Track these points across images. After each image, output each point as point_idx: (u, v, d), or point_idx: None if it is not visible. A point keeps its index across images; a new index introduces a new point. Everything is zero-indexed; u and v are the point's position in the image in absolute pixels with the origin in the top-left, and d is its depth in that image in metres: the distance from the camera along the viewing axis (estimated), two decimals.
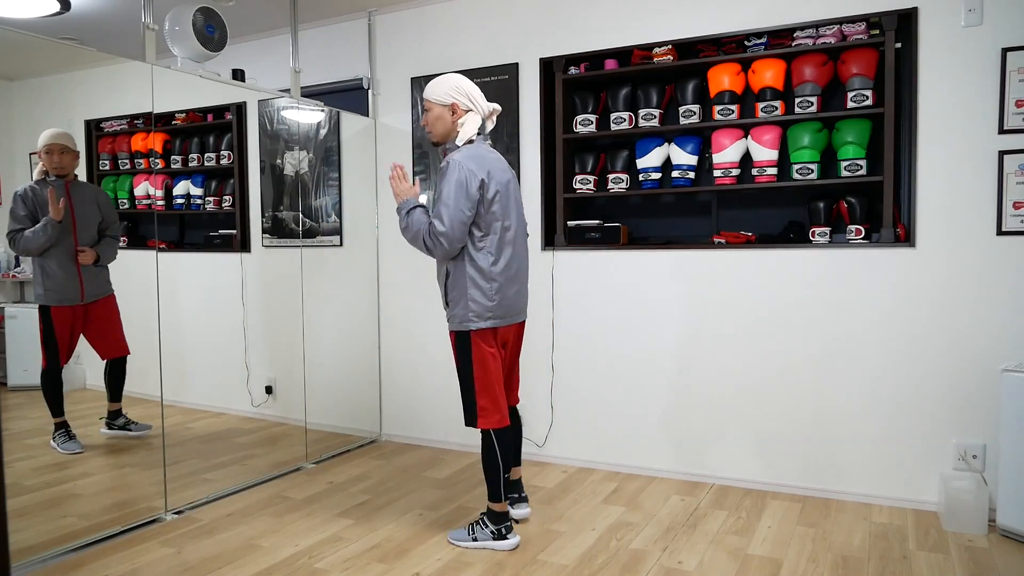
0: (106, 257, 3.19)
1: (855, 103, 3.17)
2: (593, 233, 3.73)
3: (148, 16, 3.04)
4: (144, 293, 3.19)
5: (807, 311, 3.32)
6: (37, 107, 3.11)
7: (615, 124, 3.66)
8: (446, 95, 2.73)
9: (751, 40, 3.40)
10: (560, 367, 3.87)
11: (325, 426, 4.15)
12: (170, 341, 3.27)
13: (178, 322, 3.40)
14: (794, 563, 2.65)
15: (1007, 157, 2.96)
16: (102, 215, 3.19)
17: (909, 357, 3.15)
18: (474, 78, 3.99)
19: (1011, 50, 2.93)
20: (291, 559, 2.73)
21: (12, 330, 3.16)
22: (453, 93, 2.72)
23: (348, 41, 4.38)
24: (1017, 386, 2.80)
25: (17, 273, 3.21)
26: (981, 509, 2.88)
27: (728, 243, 3.47)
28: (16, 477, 2.92)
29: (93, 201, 3.18)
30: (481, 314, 2.69)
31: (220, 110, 3.95)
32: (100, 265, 3.18)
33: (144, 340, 3.22)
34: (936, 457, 3.12)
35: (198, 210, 3.97)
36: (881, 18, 3.11)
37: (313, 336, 4.01)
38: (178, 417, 3.46)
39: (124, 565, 2.67)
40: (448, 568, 2.64)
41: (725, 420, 3.50)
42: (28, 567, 2.64)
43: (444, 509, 3.23)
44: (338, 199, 4.27)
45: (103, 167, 3.45)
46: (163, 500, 3.16)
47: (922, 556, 2.69)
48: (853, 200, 3.23)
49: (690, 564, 2.66)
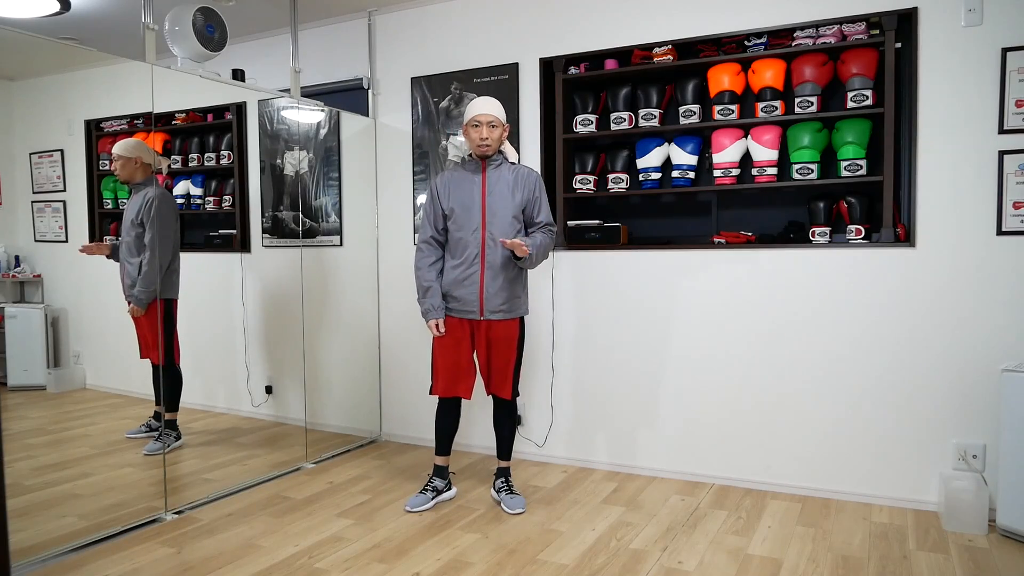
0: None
1: (855, 103, 3.17)
2: (593, 233, 3.73)
3: (148, 16, 3.04)
4: None
5: (807, 311, 3.32)
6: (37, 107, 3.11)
7: (615, 124, 3.66)
8: (504, 116, 3.12)
9: (751, 40, 3.40)
10: (560, 367, 3.87)
11: (325, 426, 4.15)
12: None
13: (178, 322, 3.40)
14: (794, 563, 2.65)
15: (1007, 157, 2.96)
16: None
17: (909, 357, 3.15)
18: (474, 78, 4.00)
19: (1011, 50, 2.93)
20: (291, 559, 2.73)
21: (12, 330, 3.16)
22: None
23: (348, 41, 4.38)
24: (1017, 386, 2.80)
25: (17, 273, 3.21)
26: (981, 509, 2.88)
27: (728, 243, 3.47)
28: (16, 477, 2.92)
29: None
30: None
31: (220, 110, 3.95)
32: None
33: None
34: (936, 457, 3.12)
35: (198, 210, 3.97)
36: (881, 18, 3.11)
37: (313, 336, 4.02)
38: (179, 416, 3.46)
39: (124, 565, 2.67)
40: (448, 568, 2.64)
41: (725, 420, 3.50)
42: (28, 567, 2.64)
43: (444, 509, 3.23)
44: (338, 199, 4.27)
45: (103, 167, 3.45)
46: (163, 500, 3.16)
47: (922, 556, 2.69)
48: (853, 200, 3.23)
49: (690, 564, 2.66)
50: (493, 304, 3.08)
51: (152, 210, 3.21)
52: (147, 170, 3.25)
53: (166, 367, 3.25)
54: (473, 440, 4.11)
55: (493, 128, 3.03)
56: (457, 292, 3.10)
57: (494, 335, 3.12)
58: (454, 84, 4.07)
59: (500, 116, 3.06)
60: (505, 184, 3.08)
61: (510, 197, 3.07)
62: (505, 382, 3.15)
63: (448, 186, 3.13)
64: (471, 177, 3.11)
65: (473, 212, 3.06)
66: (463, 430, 4.08)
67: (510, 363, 3.14)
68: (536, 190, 3.11)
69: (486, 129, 3.02)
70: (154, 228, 3.20)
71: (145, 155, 3.22)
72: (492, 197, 3.06)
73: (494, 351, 3.13)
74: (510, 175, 3.10)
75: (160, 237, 3.22)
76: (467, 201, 3.08)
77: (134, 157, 3.20)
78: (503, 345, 3.12)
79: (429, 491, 3.25)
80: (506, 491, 3.24)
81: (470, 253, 3.07)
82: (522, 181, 3.10)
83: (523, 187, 3.09)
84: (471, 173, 3.12)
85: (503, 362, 3.14)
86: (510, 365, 3.14)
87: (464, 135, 3.13)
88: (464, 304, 3.10)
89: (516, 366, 3.17)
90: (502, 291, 3.08)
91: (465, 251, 3.07)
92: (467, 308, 3.10)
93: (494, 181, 3.07)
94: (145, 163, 3.22)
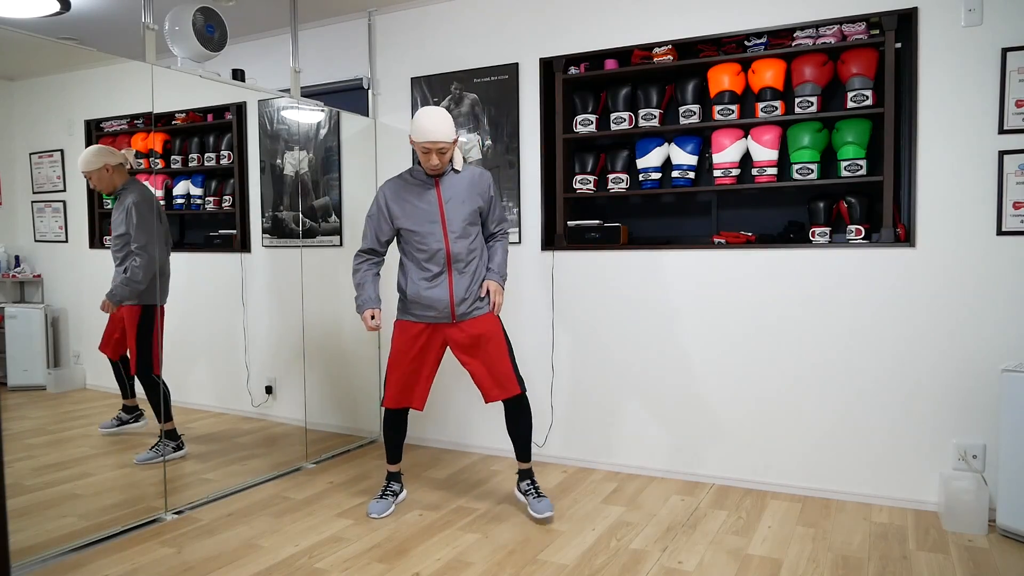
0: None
1: (855, 103, 3.17)
2: (593, 233, 3.73)
3: (148, 16, 3.04)
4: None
5: (807, 311, 3.32)
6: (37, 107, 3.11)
7: (615, 124, 3.66)
8: (454, 132, 2.96)
9: (751, 40, 3.40)
10: (560, 367, 3.87)
11: (325, 426, 4.15)
12: (170, 341, 3.27)
13: (178, 322, 3.40)
14: (794, 563, 2.65)
15: (1007, 157, 2.96)
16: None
17: (909, 357, 3.15)
18: (474, 78, 4.00)
19: (1011, 50, 2.93)
20: (291, 559, 2.73)
21: (12, 330, 3.16)
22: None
23: (348, 41, 4.38)
24: (1017, 386, 2.80)
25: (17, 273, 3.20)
26: (981, 509, 2.88)
27: (728, 243, 3.47)
28: (16, 477, 2.92)
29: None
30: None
31: (220, 110, 3.95)
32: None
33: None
34: (936, 457, 3.12)
35: (198, 210, 3.97)
36: (881, 18, 3.11)
37: (313, 336, 4.02)
38: (178, 417, 3.46)
39: (124, 565, 2.67)
40: (448, 568, 2.64)
41: (725, 420, 3.50)
42: (28, 567, 2.65)
43: (444, 509, 3.24)
44: (338, 199, 4.27)
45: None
46: (163, 500, 3.16)
47: (922, 556, 2.69)
48: (853, 200, 3.23)
49: (690, 564, 2.66)
50: (464, 306, 3.04)
51: (133, 217, 3.14)
52: (122, 171, 3.18)
53: (141, 377, 3.22)
54: (472, 441, 4.11)
55: (443, 153, 2.93)
56: (425, 298, 3.02)
57: (473, 333, 3.04)
58: (454, 84, 4.07)
59: (449, 138, 2.91)
60: (460, 189, 3.03)
61: (467, 202, 3.03)
62: (508, 378, 3.05)
63: (400, 203, 3.04)
64: (425, 188, 3.04)
65: (433, 224, 3.00)
66: (462, 431, 4.08)
67: (503, 356, 3.06)
68: (490, 190, 3.10)
69: (435, 156, 2.91)
70: (135, 231, 3.14)
71: (109, 157, 3.13)
72: (450, 204, 3.01)
73: (482, 350, 3.05)
74: (463, 179, 3.06)
75: (139, 238, 3.16)
76: (424, 215, 3.01)
77: (101, 166, 3.11)
78: (488, 339, 3.04)
79: (389, 496, 3.24)
80: (533, 494, 3.12)
81: (437, 261, 3.02)
82: (477, 184, 3.06)
83: (479, 190, 3.06)
84: (423, 184, 3.04)
85: (496, 357, 3.05)
86: (504, 358, 3.06)
87: (412, 146, 3.01)
88: (434, 310, 3.03)
89: (511, 357, 3.09)
90: (471, 291, 3.05)
91: (431, 260, 3.02)
92: (437, 314, 3.03)
93: (448, 188, 3.03)
94: (115, 165, 3.15)
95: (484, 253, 3.13)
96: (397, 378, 3.09)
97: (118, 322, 3.20)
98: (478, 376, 3.08)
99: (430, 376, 3.14)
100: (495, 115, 3.93)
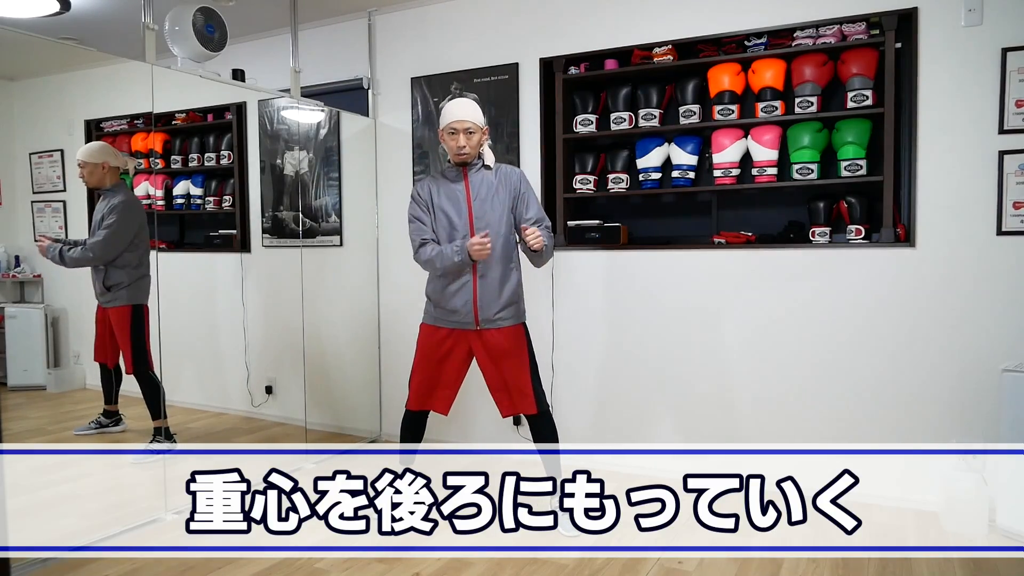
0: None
1: (855, 103, 3.17)
2: (593, 233, 3.73)
3: (148, 16, 3.04)
4: None
5: (807, 311, 3.31)
6: (37, 107, 3.11)
7: (615, 124, 3.66)
8: (482, 119, 2.94)
9: (751, 40, 3.40)
10: (560, 367, 3.87)
11: (325, 426, 4.15)
12: (170, 341, 3.27)
13: (178, 322, 3.40)
14: (794, 563, 2.65)
15: (1007, 157, 2.95)
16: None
17: (909, 357, 3.15)
18: (474, 78, 4.00)
19: (1011, 50, 2.93)
20: (291, 559, 2.72)
21: (12, 330, 3.16)
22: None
23: (348, 41, 4.38)
24: (1017, 386, 2.80)
25: (17, 273, 3.21)
26: (981, 509, 2.88)
27: (728, 243, 3.47)
28: (16, 477, 2.91)
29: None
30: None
31: (220, 110, 3.96)
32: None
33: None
34: (936, 457, 3.12)
35: (198, 210, 3.97)
36: (881, 18, 3.11)
37: (313, 336, 4.01)
38: (178, 417, 3.46)
39: (124, 565, 2.67)
40: (448, 568, 2.64)
41: (724, 419, 3.49)
42: (28, 567, 2.64)
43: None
44: (338, 199, 4.27)
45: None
46: (163, 500, 3.16)
47: (922, 556, 2.69)
48: (853, 200, 3.23)
49: (690, 564, 2.66)
50: (488, 312, 2.93)
51: (111, 218, 3.12)
52: (115, 174, 3.16)
53: (138, 375, 3.21)
54: (474, 439, 4.11)
55: (471, 135, 2.86)
56: (449, 303, 2.94)
57: (496, 345, 2.96)
58: (454, 84, 4.07)
59: (477, 120, 2.89)
60: (489, 186, 2.95)
61: (496, 199, 2.95)
62: (524, 395, 2.96)
63: (432, 195, 2.99)
64: (453, 185, 2.97)
65: (461, 220, 2.92)
66: (464, 430, 4.08)
67: (524, 373, 2.97)
68: (521, 186, 2.98)
69: (463, 137, 2.86)
70: (104, 231, 3.11)
71: (112, 158, 3.13)
72: (478, 202, 2.93)
73: (503, 364, 2.97)
74: (493, 177, 2.97)
75: (112, 237, 3.12)
76: (453, 210, 2.95)
77: (101, 162, 3.11)
78: (510, 355, 2.96)
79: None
80: (559, 510, 2.87)
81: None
82: (505, 180, 2.97)
83: (507, 186, 2.96)
84: (452, 181, 2.98)
85: (515, 373, 2.96)
86: (524, 375, 2.97)
87: (441, 140, 2.99)
88: (457, 315, 2.94)
89: (533, 375, 2.98)
90: (496, 299, 2.94)
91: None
92: (461, 319, 2.95)
93: (477, 185, 2.94)
94: (113, 167, 3.13)
95: (514, 263, 3.00)
96: (420, 381, 3.06)
97: (106, 328, 3.19)
98: (494, 388, 3.01)
99: (454, 382, 3.06)
100: (495, 115, 3.93)
